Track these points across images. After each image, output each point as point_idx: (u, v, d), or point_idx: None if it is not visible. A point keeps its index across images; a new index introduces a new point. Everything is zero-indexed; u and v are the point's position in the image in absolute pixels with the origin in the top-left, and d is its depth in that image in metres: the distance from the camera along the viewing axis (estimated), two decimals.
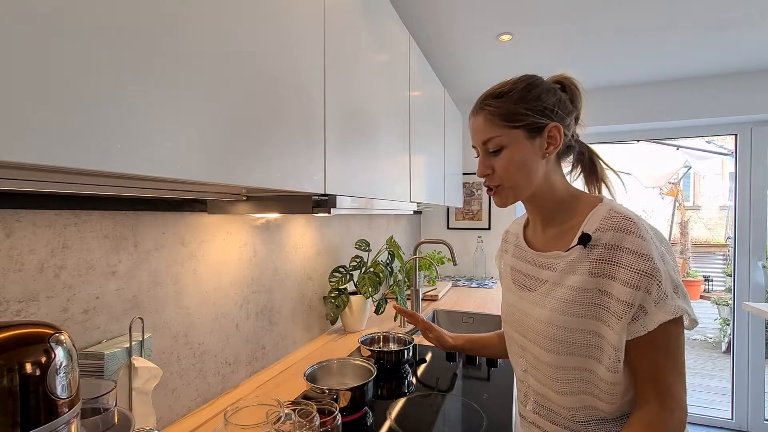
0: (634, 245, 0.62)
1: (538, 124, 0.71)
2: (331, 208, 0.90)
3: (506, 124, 0.72)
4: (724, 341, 4.30)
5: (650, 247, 0.62)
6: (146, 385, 0.77)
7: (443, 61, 2.20)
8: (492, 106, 0.73)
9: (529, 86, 0.73)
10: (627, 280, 0.62)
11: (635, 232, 0.63)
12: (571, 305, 0.68)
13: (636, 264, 0.62)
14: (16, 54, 0.35)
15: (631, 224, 0.64)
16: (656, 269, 0.61)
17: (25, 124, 0.36)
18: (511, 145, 0.72)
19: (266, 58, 0.70)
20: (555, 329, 0.69)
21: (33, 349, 0.41)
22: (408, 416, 1.01)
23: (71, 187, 0.56)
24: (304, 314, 1.49)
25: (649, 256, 0.61)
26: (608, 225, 0.66)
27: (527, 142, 0.72)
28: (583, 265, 0.67)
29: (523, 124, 0.71)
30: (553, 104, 0.72)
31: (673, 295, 0.61)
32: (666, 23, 1.77)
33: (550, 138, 0.72)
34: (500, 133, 0.72)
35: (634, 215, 0.66)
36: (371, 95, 1.16)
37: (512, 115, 0.72)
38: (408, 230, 2.92)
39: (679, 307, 0.60)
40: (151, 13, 0.48)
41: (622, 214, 0.66)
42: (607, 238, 0.65)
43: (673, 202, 6.89)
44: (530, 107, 0.71)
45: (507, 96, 0.73)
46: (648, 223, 0.66)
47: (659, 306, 0.61)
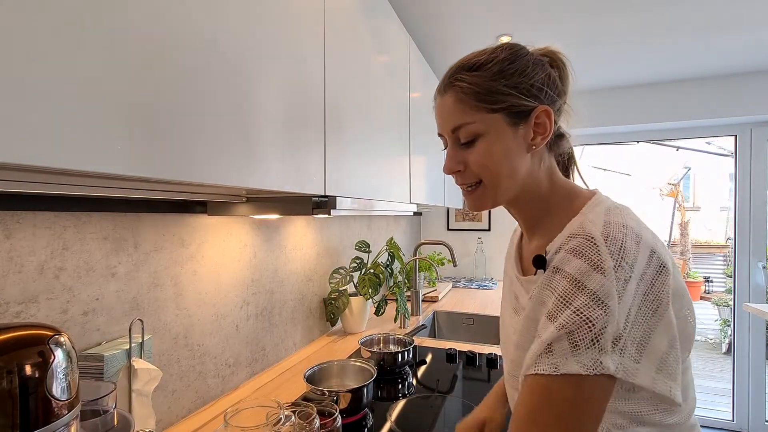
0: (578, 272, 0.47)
1: (522, 106, 0.55)
2: (330, 209, 0.90)
3: (482, 106, 0.55)
4: (725, 342, 4.30)
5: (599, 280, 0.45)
6: (146, 387, 0.77)
7: (443, 62, 2.20)
8: (465, 82, 0.56)
9: (512, 56, 0.57)
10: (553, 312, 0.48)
11: (588, 257, 0.47)
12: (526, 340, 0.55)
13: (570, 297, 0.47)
14: (13, 53, 0.35)
15: (589, 246, 0.47)
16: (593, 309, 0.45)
17: (22, 125, 0.36)
18: (489, 134, 0.56)
19: (266, 59, 0.70)
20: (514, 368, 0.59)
21: (32, 350, 0.41)
22: (408, 418, 1.00)
23: (72, 188, 0.56)
24: (304, 316, 1.49)
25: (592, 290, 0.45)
26: (568, 245, 0.50)
27: (509, 129, 0.56)
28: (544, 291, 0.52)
29: (504, 105, 0.55)
30: (542, 82, 0.56)
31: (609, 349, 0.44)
32: (665, 24, 1.78)
33: (538, 125, 0.56)
34: (474, 118, 0.56)
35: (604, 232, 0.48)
36: (371, 96, 1.16)
37: (490, 94, 0.55)
38: (408, 231, 2.92)
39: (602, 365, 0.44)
40: (150, 12, 0.48)
41: (586, 232, 0.49)
42: (558, 259, 0.50)
43: (673, 203, 6.90)
44: (513, 84, 0.55)
45: (484, 68, 0.56)
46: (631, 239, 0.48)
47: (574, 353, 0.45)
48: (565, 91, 0.61)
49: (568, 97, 0.61)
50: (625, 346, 0.45)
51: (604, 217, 0.51)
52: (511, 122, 0.56)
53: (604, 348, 0.44)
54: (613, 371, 0.44)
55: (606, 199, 0.57)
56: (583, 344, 0.45)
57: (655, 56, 2.13)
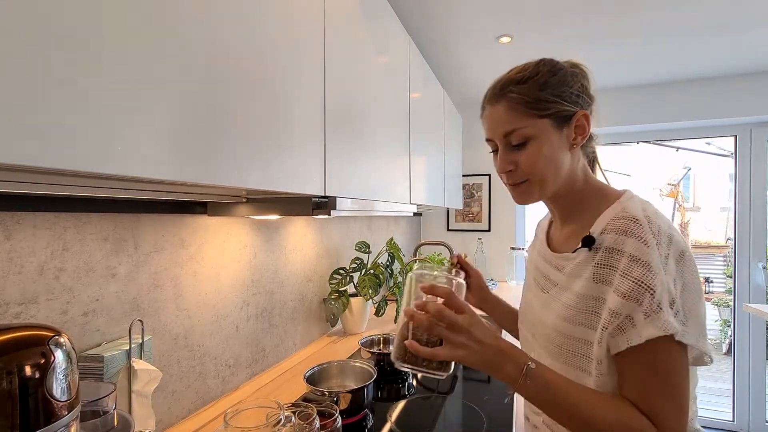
0: (632, 248, 0.56)
1: (566, 111, 0.65)
2: (330, 210, 0.90)
3: (533, 113, 0.64)
4: (725, 343, 4.30)
5: (650, 253, 0.55)
6: (146, 388, 0.77)
7: (443, 62, 2.20)
8: (515, 93, 0.65)
9: (554, 69, 0.66)
10: (619, 287, 0.56)
11: (637, 235, 0.56)
12: (573, 312, 0.62)
13: (630, 270, 0.55)
14: (13, 53, 0.35)
15: (635, 226, 0.57)
16: (651, 277, 0.54)
17: (22, 125, 0.36)
18: (539, 137, 0.64)
19: (266, 60, 0.70)
20: (557, 335, 0.65)
21: (32, 351, 0.41)
22: (408, 418, 1.00)
23: (71, 189, 0.56)
24: (304, 316, 1.49)
25: (646, 262, 0.54)
26: (613, 226, 0.59)
27: (555, 132, 0.65)
28: (588, 269, 0.61)
29: (552, 112, 0.64)
30: (579, 90, 0.66)
31: (668, 310, 0.54)
32: (665, 25, 1.78)
33: (578, 127, 0.66)
34: (526, 123, 0.64)
35: (645, 216, 0.58)
36: (371, 97, 1.16)
37: (539, 102, 0.64)
38: (408, 232, 2.92)
39: (670, 324, 0.53)
40: (150, 13, 0.48)
41: (629, 215, 0.59)
42: (608, 241, 0.59)
43: (673, 203, 6.89)
44: (558, 93, 0.64)
45: (531, 81, 0.65)
46: (665, 224, 0.59)
47: (649, 320, 0.53)
48: (594, 97, 0.70)
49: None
50: (678, 310, 0.55)
51: (641, 205, 0.62)
52: (557, 125, 0.65)
53: (666, 310, 0.54)
54: (678, 331, 0.53)
55: (637, 195, 0.67)
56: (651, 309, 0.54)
57: (654, 57, 2.13)
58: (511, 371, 0.57)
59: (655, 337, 0.53)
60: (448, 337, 0.57)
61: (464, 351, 0.57)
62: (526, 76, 0.66)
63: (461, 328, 0.57)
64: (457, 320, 0.57)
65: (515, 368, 0.57)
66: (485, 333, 0.58)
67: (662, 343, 0.54)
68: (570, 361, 0.63)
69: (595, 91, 0.70)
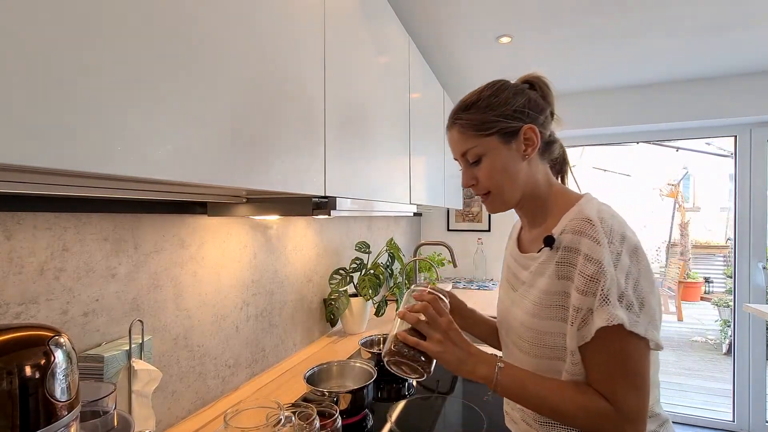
0: (586, 248, 0.61)
1: (510, 127, 0.71)
2: (331, 210, 0.90)
3: (480, 133, 0.72)
4: (725, 343, 4.30)
5: (601, 251, 0.60)
6: (146, 388, 0.77)
7: (443, 62, 2.20)
8: (463, 119, 0.74)
9: (496, 92, 0.73)
10: (577, 284, 0.62)
11: (590, 235, 0.61)
12: (540, 308, 0.68)
13: (585, 268, 0.61)
14: (14, 53, 0.35)
15: (589, 226, 0.62)
16: (602, 274, 0.59)
17: (22, 126, 0.36)
18: (489, 153, 0.72)
19: (266, 61, 0.70)
20: (527, 331, 0.70)
21: (32, 351, 0.41)
22: (408, 419, 1.00)
23: (71, 189, 0.56)
24: (304, 316, 1.49)
25: (598, 260, 0.60)
26: (571, 227, 0.65)
27: (503, 147, 0.71)
28: (551, 267, 0.67)
29: (496, 130, 0.71)
30: (523, 105, 0.72)
31: (616, 303, 0.58)
32: (665, 25, 1.78)
33: (527, 140, 0.71)
34: (476, 143, 0.73)
35: (598, 217, 0.63)
36: (371, 97, 1.17)
37: (482, 123, 0.72)
38: (408, 232, 2.92)
39: (616, 316, 0.58)
40: (149, 14, 0.48)
41: (584, 216, 0.64)
42: (566, 240, 0.64)
43: (673, 203, 6.89)
44: (499, 113, 0.71)
45: (475, 106, 0.73)
46: (618, 224, 0.64)
47: (597, 312, 0.59)
48: (547, 107, 0.75)
49: (553, 107, 0.76)
50: (631, 303, 0.59)
51: (597, 206, 0.67)
52: (504, 141, 0.72)
53: (613, 303, 0.58)
54: (625, 321, 0.58)
55: (595, 198, 0.73)
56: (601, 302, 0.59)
57: (655, 57, 2.13)
58: (485, 371, 0.66)
59: (607, 327, 0.58)
60: (428, 332, 0.68)
61: (442, 347, 0.66)
62: (471, 102, 0.74)
63: (439, 326, 0.68)
64: (436, 318, 0.68)
65: (488, 368, 0.66)
66: (459, 338, 0.68)
67: (615, 333, 0.59)
68: (541, 353, 0.68)
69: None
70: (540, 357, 0.68)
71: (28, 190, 0.51)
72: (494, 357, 0.67)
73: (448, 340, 0.67)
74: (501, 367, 0.65)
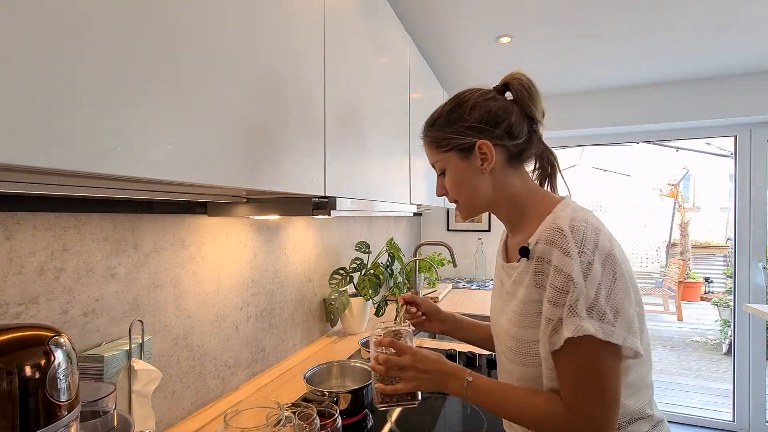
0: (556, 259, 0.61)
1: (465, 143, 0.72)
2: (331, 210, 0.90)
3: (440, 149, 0.76)
4: (725, 343, 4.29)
5: (570, 263, 0.59)
6: (146, 388, 0.77)
7: (443, 62, 2.20)
8: (428, 136, 0.78)
9: (454, 108, 0.75)
10: (548, 295, 0.62)
11: (560, 246, 0.61)
12: (520, 317, 0.68)
13: (554, 279, 0.61)
14: (14, 52, 0.35)
15: (560, 236, 0.61)
16: (570, 285, 0.59)
17: (23, 126, 0.36)
18: (450, 167, 0.75)
19: (266, 61, 0.70)
20: (511, 340, 0.71)
21: (32, 351, 0.41)
22: (408, 419, 1.00)
23: (71, 189, 0.56)
24: (304, 316, 1.49)
25: (567, 272, 0.59)
26: (544, 236, 0.64)
27: (461, 161, 0.74)
28: (528, 277, 0.67)
29: (452, 146, 0.74)
30: (478, 120, 0.72)
31: (584, 315, 0.58)
32: (665, 25, 1.78)
33: (483, 154, 0.72)
34: (438, 158, 0.77)
35: (570, 225, 0.62)
36: (371, 97, 1.17)
37: (441, 140, 0.75)
38: (408, 232, 2.92)
39: (582, 327, 0.57)
40: (149, 15, 0.48)
41: (556, 226, 0.63)
42: (539, 251, 0.64)
43: (673, 203, 6.89)
44: (454, 130, 0.73)
45: (436, 123, 0.77)
46: (592, 231, 0.62)
47: (565, 323, 0.59)
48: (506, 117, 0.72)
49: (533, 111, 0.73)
50: (603, 313, 0.58)
51: (570, 214, 0.65)
52: (461, 156, 0.74)
53: (581, 315, 0.58)
54: (593, 332, 0.57)
55: (573, 202, 0.71)
56: (569, 314, 0.59)
57: (655, 57, 2.13)
58: (456, 387, 0.70)
59: (573, 338, 0.58)
60: (400, 375, 0.73)
61: (416, 382, 0.72)
62: (433, 119, 0.78)
63: (406, 367, 0.72)
64: (400, 362, 0.72)
65: (458, 384, 0.70)
66: (428, 362, 0.72)
67: (583, 343, 0.59)
68: (525, 361, 0.69)
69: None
70: (524, 365, 0.69)
71: (28, 190, 0.51)
72: (464, 371, 0.71)
73: (418, 371, 0.71)
74: (469, 380, 0.69)
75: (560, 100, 2.69)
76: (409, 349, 0.74)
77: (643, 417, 0.67)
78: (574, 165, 7.09)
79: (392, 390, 0.72)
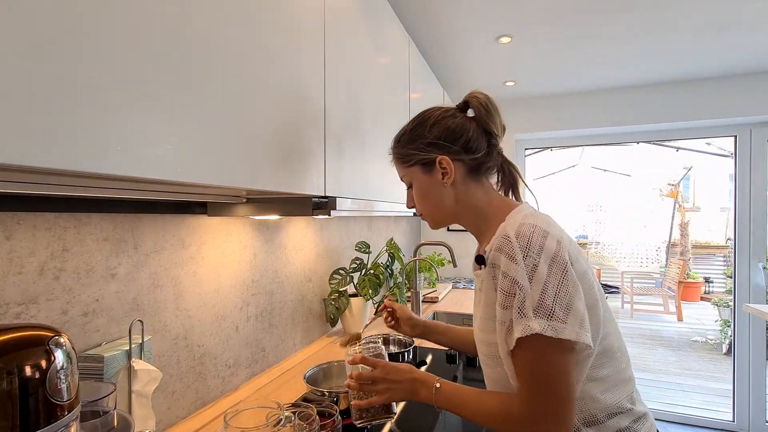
0: (503, 265, 0.64)
1: (426, 159, 0.76)
2: (331, 210, 0.90)
3: (405, 165, 0.80)
4: (725, 343, 4.29)
5: (515, 267, 0.62)
6: (146, 388, 0.77)
7: (442, 62, 2.20)
8: (394, 152, 0.83)
9: (416, 126, 0.79)
10: (498, 299, 0.65)
11: (506, 252, 0.64)
12: (486, 322, 0.71)
13: (502, 284, 0.64)
14: (14, 52, 0.35)
15: (506, 243, 0.64)
16: (516, 288, 0.62)
17: (23, 126, 0.36)
18: (414, 180, 0.80)
19: (266, 61, 0.70)
20: (480, 344, 0.75)
21: (32, 351, 0.41)
22: (408, 419, 1.00)
23: (71, 189, 0.56)
24: (304, 316, 1.49)
25: (512, 276, 0.62)
26: (494, 244, 0.67)
27: (424, 175, 0.78)
28: (487, 282, 0.70)
29: (414, 161, 0.78)
30: (437, 137, 0.76)
31: (530, 315, 0.61)
32: (665, 25, 1.78)
33: (443, 168, 0.76)
34: (404, 172, 0.81)
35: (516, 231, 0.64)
36: (371, 97, 1.17)
37: (405, 156, 0.79)
38: (408, 232, 2.92)
39: (529, 327, 0.60)
40: (150, 15, 0.48)
41: (504, 233, 0.66)
42: (491, 258, 0.67)
43: (673, 203, 6.89)
44: (416, 147, 0.77)
45: (401, 140, 0.81)
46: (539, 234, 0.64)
47: (515, 324, 0.62)
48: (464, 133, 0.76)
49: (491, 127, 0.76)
50: (552, 311, 0.61)
51: (520, 220, 0.67)
52: (424, 170, 0.78)
53: (528, 315, 0.61)
54: (539, 331, 0.60)
55: (527, 207, 0.75)
56: (517, 315, 0.62)
57: (655, 57, 2.13)
58: (425, 394, 0.73)
59: (522, 337, 0.61)
60: (373, 389, 0.75)
61: (388, 393, 0.75)
62: (399, 136, 0.82)
63: (378, 380, 0.75)
64: (372, 375, 0.76)
65: (427, 391, 0.73)
66: (398, 373, 0.75)
67: (533, 342, 0.61)
68: (495, 364, 0.72)
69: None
70: (493, 367, 0.72)
71: (28, 190, 0.51)
72: (433, 378, 0.74)
73: (389, 383, 0.74)
74: (438, 387, 0.72)
75: (560, 100, 2.69)
76: (380, 363, 0.77)
77: (623, 411, 0.68)
78: (574, 165, 7.10)
79: (367, 404, 0.75)
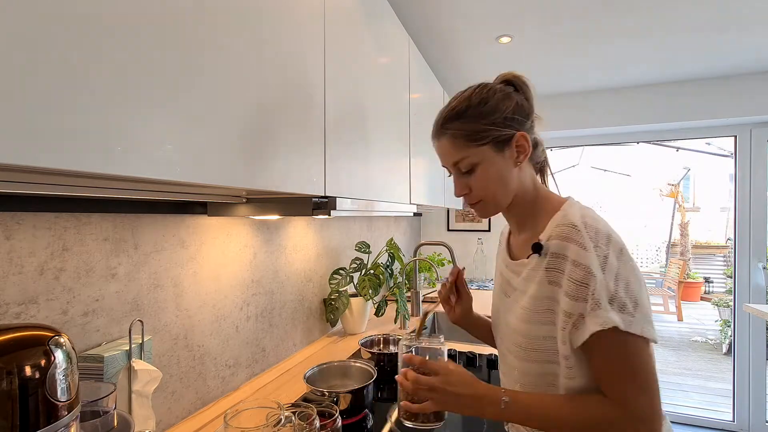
0: (573, 254, 0.61)
1: (503, 135, 0.70)
2: (331, 210, 0.90)
3: (473, 143, 0.70)
4: (725, 343, 4.30)
5: (588, 256, 0.60)
6: (146, 388, 0.77)
7: (443, 62, 2.20)
8: (456, 129, 0.71)
9: (485, 99, 0.71)
10: (567, 290, 0.62)
11: (576, 240, 0.62)
12: (531, 313, 0.68)
13: (573, 273, 0.61)
14: (15, 52, 0.35)
15: (574, 232, 0.63)
16: (591, 278, 0.59)
17: (23, 126, 0.36)
18: (484, 162, 0.70)
19: (266, 62, 0.70)
20: (518, 336, 0.70)
21: (32, 351, 0.41)
22: None
23: (71, 189, 0.56)
24: (304, 316, 1.49)
25: (586, 265, 0.60)
26: (557, 233, 0.65)
27: (497, 155, 0.70)
28: (539, 273, 0.67)
29: (489, 139, 0.69)
30: (512, 111, 0.70)
31: (607, 306, 0.59)
32: (665, 25, 1.78)
33: (519, 146, 0.71)
34: (469, 153, 0.70)
35: (582, 222, 0.63)
36: (371, 97, 1.16)
37: (476, 133, 0.70)
38: (408, 232, 2.92)
39: (609, 319, 0.58)
40: (150, 16, 0.48)
41: (569, 222, 0.64)
42: (554, 246, 0.65)
43: (673, 203, 6.89)
44: (491, 121, 0.69)
45: (465, 114, 0.71)
46: (603, 226, 0.64)
47: (590, 317, 0.59)
48: (532, 109, 0.74)
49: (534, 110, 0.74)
50: (624, 304, 0.59)
51: (580, 211, 0.66)
52: (497, 149, 0.70)
53: (605, 307, 0.59)
54: (618, 323, 0.58)
55: (577, 201, 0.73)
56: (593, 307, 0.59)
57: (654, 57, 2.13)
58: (493, 412, 0.66)
59: (601, 331, 0.58)
60: (428, 396, 0.67)
61: (445, 406, 0.67)
62: (461, 110, 0.71)
63: (436, 389, 0.67)
64: (430, 383, 0.67)
65: (494, 408, 0.65)
66: (460, 385, 0.67)
67: (611, 336, 0.59)
68: (534, 358, 0.68)
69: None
70: (533, 361, 0.68)
71: (28, 190, 0.51)
72: (499, 393, 0.66)
73: (449, 395, 0.66)
74: (506, 401, 0.65)
75: (560, 100, 2.69)
76: (442, 369, 0.68)
77: None
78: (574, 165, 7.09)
79: (419, 409, 0.68)
